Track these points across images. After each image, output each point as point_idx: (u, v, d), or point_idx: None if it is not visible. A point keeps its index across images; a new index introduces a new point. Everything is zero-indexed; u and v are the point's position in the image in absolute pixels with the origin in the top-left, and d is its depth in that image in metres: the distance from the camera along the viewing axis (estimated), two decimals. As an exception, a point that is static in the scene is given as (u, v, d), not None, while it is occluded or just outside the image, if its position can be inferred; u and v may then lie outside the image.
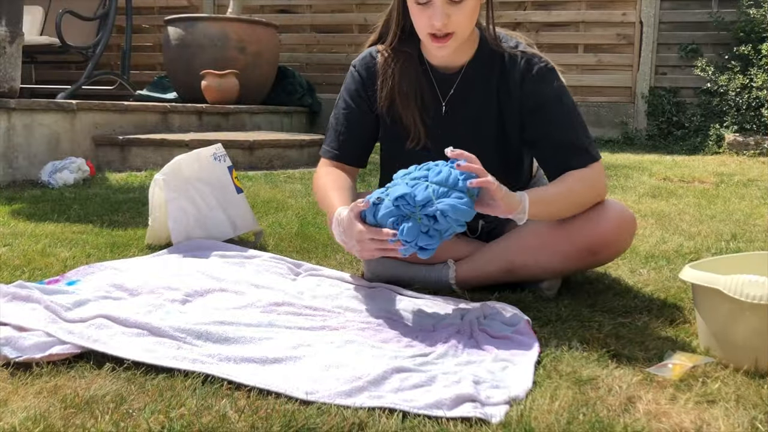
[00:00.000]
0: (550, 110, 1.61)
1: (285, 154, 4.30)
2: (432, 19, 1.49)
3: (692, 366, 1.21)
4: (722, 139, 5.19)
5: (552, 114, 1.61)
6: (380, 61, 1.68)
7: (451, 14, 1.50)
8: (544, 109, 1.61)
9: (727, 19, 5.48)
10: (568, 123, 1.61)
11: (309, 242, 2.18)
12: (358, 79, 1.72)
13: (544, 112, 1.61)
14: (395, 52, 1.67)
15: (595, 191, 1.59)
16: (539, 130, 1.62)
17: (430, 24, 1.51)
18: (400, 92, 1.65)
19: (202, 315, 1.42)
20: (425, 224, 1.38)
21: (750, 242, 2.24)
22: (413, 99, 1.65)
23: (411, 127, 1.66)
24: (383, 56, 1.68)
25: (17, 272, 1.76)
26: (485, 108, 1.65)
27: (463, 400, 1.07)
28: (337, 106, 1.76)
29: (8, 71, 3.47)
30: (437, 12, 1.49)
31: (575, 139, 1.59)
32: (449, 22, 1.50)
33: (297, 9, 6.58)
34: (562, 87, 1.63)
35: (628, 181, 3.60)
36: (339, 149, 1.74)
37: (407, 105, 1.65)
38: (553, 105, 1.61)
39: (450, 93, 1.67)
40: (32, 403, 1.06)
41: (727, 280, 1.21)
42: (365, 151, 1.78)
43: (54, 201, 2.87)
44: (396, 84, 1.65)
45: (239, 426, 1.00)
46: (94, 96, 5.67)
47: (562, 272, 1.66)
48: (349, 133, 1.73)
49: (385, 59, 1.67)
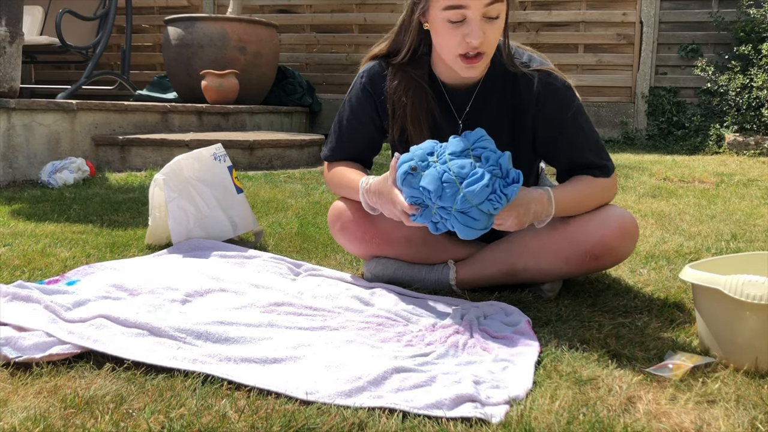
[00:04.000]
0: (568, 135, 1.60)
1: (285, 154, 4.30)
2: (468, 37, 1.44)
3: (692, 366, 1.21)
4: (722, 139, 5.19)
5: (571, 138, 1.60)
6: (390, 87, 1.63)
7: (486, 32, 1.45)
8: (563, 135, 1.60)
9: (727, 19, 5.49)
10: (586, 146, 1.60)
11: (309, 242, 2.18)
12: (367, 93, 1.68)
13: (563, 137, 1.60)
14: (404, 76, 1.61)
15: (607, 195, 1.62)
16: (557, 151, 1.63)
17: (464, 43, 1.45)
18: (413, 121, 1.61)
19: (202, 315, 1.42)
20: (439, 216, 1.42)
21: (750, 242, 2.24)
22: (426, 124, 1.62)
23: None
24: (392, 82, 1.63)
25: (17, 272, 1.76)
26: (498, 125, 1.62)
27: (463, 400, 1.07)
28: (344, 111, 1.72)
29: (8, 71, 3.47)
30: (474, 29, 1.43)
31: (592, 160, 1.60)
32: (484, 41, 1.45)
33: (297, 9, 6.58)
34: (580, 108, 1.60)
35: (628, 181, 3.60)
36: (345, 158, 1.75)
37: (420, 131, 1.62)
38: (572, 130, 1.59)
39: (465, 111, 1.64)
40: (32, 403, 1.06)
41: (727, 280, 1.21)
42: (371, 155, 1.79)
43: (54, 201, 2.87)
44: (408, 114, 1.61)
45: (239, 426, 1.00)
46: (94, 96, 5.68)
47: (564, 276, 1.66)
48: (354, 142, 1.74)
49: (395, 87, 1.62)
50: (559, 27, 5.91)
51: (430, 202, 1.41)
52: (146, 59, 6.93)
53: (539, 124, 1.61)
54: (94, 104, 3.99)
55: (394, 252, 1.73)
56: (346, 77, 6.29)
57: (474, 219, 1.39)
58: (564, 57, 5.82)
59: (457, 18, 1.44)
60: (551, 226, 1.63)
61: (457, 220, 1.40)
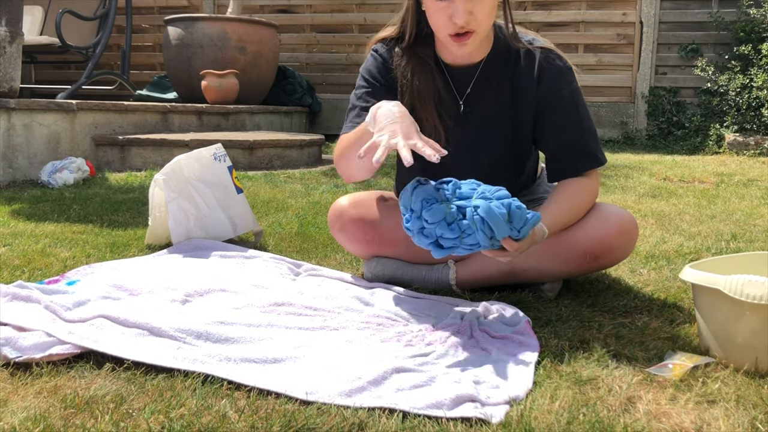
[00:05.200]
0: (563, 112, 1.61)
1: (285, 154, 4.30)
2: (454, 17, 1.46)
3: (692, 366, 1.21)
4: (722, 139, 5.19)
5: (565, 116, 1.61)
6: (398, 66, 1.64)
7: (473, 10, 1.46)
8: (558, 111, 1.61)
9: (727, 19, 5.49)
10: (580, 126, 1.61)
11: (309, 242, 2.18)
12: (380, 60, 1.67)
13: (558, 113, 1.61)
14: (411, 56, 1.63)
15: (593, 200, 1.61)
16: (550, 130, 1.63)
17: (451, 23, 1.47)
18: (420, 98, 1.62)
19: (202, 315, 1.42)
20: (452, 214, 1.33)
21: (750, 242, 2.24)
22: (432, 102, 1.62)
23: (431, 130, 1.63)
24: (399, 63, 1.64)
25: (17, 272, 1.76)
26: (500, 105, 1.63)
27: (463, 400, 1.07)
28: (358, 88, 1.70)
29: (8, 71, 3.47)
30: (459, 9, 1.45)
31: (584, 143, 1.60)
32: (470, 19, 1.46)
33: (297, 9, 6.58)
34: (577, 89, 1.62)
35: (628, 181, 3.60)
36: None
37: (427, 109, 1.62)
38: (567, 107, 1.61)
39: (467, 92, 1.65)
40: (32, 403, 1.06)
41: (727, 280, 1.21)
42: None
43: (54, 201, 2.87)
44: (415, 91, 1.62)
45: (239, 426, 1.00)
46: (94, 96, 5.68)
47: (564, 276, 1.66)
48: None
49: (402, 67, 1.63)
50: (559, 27, 5.91)
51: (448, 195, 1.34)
52: (146, 59, 6.93)
53: (538, 100, 1.61)
54: (94, 104, 3.99)
55: (394, 252, 1.73)
56: (346, 77, 6.29)
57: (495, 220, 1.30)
58: (564, 57, 5.82)
59: None
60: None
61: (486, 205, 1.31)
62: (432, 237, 1.36)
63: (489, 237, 1.32)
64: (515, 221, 1.33)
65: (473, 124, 1.66)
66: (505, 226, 1.32)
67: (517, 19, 1.65)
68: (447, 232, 1.33)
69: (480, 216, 1.31)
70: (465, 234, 1.33)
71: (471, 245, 1.34)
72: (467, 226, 1.32)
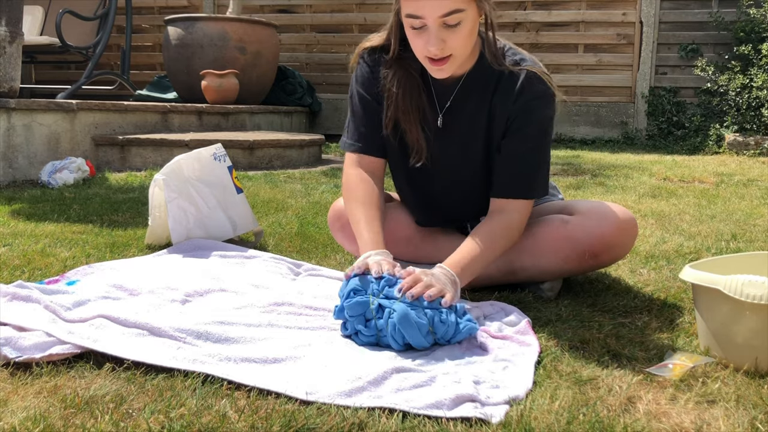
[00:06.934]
0: (526, 132, 1.57)
1: (285, 154, 4.30)
2: (428, 44, 1.45)
3: (692, 366, 1.21)
4: (722, 139, 5.19)
5: (525, 137, 1.57)
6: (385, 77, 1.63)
7: (447, 39, 1.45)
8: (521, 130, 1.57)
9: (727, 19, 5.49)
10: (536, 153, 1.58)
11: (309, 242, 2.18)
12: (367, 71, 1.67)
13: (521, 132, 1.57)
14: (398, 68, 1.62)
15: (513, 241, 1.57)
16: (507, 143, 1.60)
17: (426, 48, 1.47)
18: (404, 113, 1.62)
19: (202, 315, 1.42)
20: (371, 311, 1.31)
21: (750, 242, 2.24)
22: (416, 114, 1.62)
23: (414, 143, 1.63)
24: (387, 74, 1.63)
25: (17, 272, 1.76)
26: (477, 121, 1.62)
27: (463, 400, 1.07)
28: (352, 99, 1.71)
29: (8, 71, 3.47)
30: (432, 37, 1.44)
31: (529, 168, 1.58)
32: (445, 47, 1.46)
33: (297, 9, 6.58)
34: (548, 118, 1.58)
35: (628, 181, 3.60)
36: (361, 141, 1.69)
37: (410, 122, 1.62)
38: (532, 128, 1.57)
39: (447, 105, 1.64)
40: (32, 403, 1.06)
41: (727, 280, 1.21)
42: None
43: (54, 201, 2.87)
44: (400, 105, 1.61)
45: (239, 426, 1.00)
46: (94, 96, 5.67)
47: (563, 274, 1.66)
48: (369, 123, 1.68)
49: (389, 80, 1.63)
50: (559, 27, 5.91)
51: (375, 291, 1.33)
52: (146, 59, 6.93)
53: (509, 116, 1.58)
54: (94, 104, 3.99)
55: (394, 251, 1.72)
56: (346, 77, 6.29)
57: (408, 328, 1.27)
58: (564, 57, 5.82)
59: (418, 25, 1.45)
60: (549, 225, 1.63)
61: (403, 310, 1.28)
62: (352, 330, 1.34)
63: (401, 343, 1.28)
64: (439, 333, 1.30)
65: (449, 139, 1.65)
66: (420, 336, 1.27)
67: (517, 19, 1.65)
68: (363, 329, 1.32)
69: (393, 321, 1.28)
70: (382, 334, 1.30)
71: (388, 345, 1.30)
72: (383, 326, 1.30)
